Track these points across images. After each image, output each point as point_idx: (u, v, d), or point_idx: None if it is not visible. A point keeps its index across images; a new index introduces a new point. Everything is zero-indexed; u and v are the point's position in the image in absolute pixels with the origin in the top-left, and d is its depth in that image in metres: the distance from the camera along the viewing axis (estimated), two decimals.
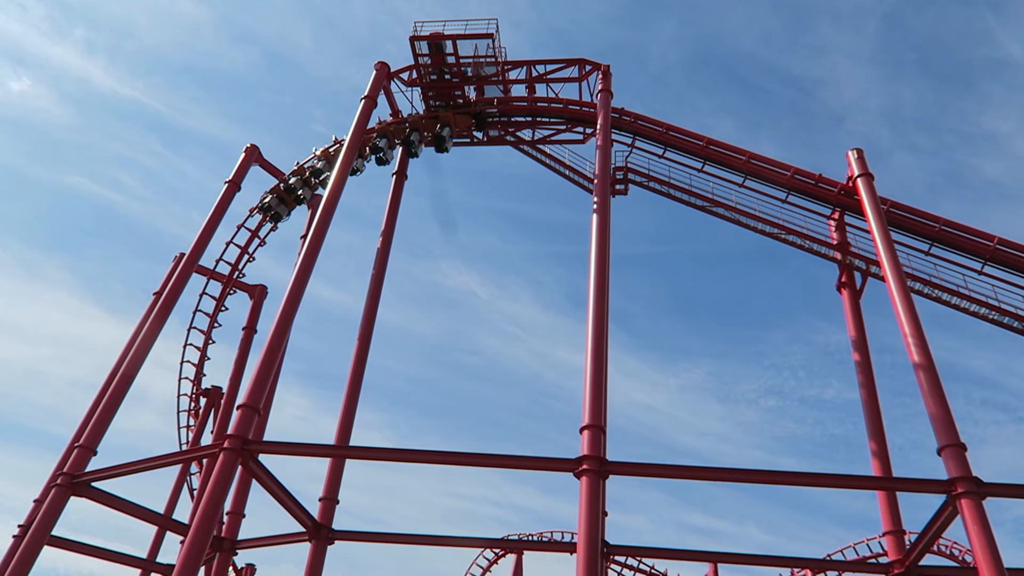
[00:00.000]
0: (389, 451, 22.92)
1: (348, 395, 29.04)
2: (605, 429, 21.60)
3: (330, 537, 25.44)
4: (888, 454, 26.43)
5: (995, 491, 19.74)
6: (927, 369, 21.66)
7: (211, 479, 20.10)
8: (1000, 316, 27.17)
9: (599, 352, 22.62)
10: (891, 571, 24.26)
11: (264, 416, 27.47)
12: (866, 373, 28.22)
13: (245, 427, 21.00)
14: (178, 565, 18.86)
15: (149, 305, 35.38)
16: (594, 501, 19.92)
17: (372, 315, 31.21)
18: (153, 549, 31.45)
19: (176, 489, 34.72)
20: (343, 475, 27.15)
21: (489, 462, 22.09)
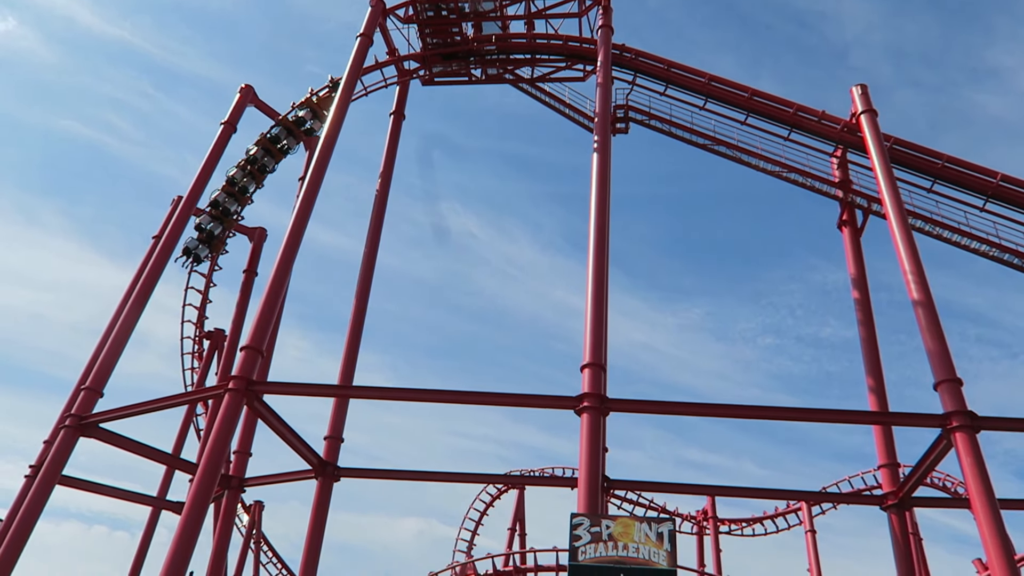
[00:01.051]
0: (392, 390, 23.22)
1: (350, 336, 29.27)
2: (605, 367, 21.84)
3: (336, 474, 25.96)
4: (885, 390, 26.79)
5: (989, 425, 20.10)
6: (926, 306, 21.79)
7: (217, 419, 20.40)
8: (1000, 253, 27.18)
9: (599, 291, 22.72)
10: (885, 502, 24.87)
11: (267, 358, 27.73)
12: (865, 311, 28.38)
13: (249, 368, 21.22)
14: (188, 502, 19.30)
15: (149, 249, 35.34)
16: (595, 437, 20.27)
17: (372, 257, 31.22)
18: (162, 488, 32.13)
19: (183, 430, 35.27)
20: (347, 415, 27.58)
21: (491, 400, 22.41)
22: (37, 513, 22.26)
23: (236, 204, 34.42)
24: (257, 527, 36.82)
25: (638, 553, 16.10)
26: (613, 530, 16.49)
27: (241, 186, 34.21)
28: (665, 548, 16.24)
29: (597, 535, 16.42)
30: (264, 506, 37.83)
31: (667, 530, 16.51)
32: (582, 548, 16.33)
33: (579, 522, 16.75)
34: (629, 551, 16.15)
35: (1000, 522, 18.33)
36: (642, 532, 16.39)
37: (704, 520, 47.16)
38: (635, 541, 16.24)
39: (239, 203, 34.35)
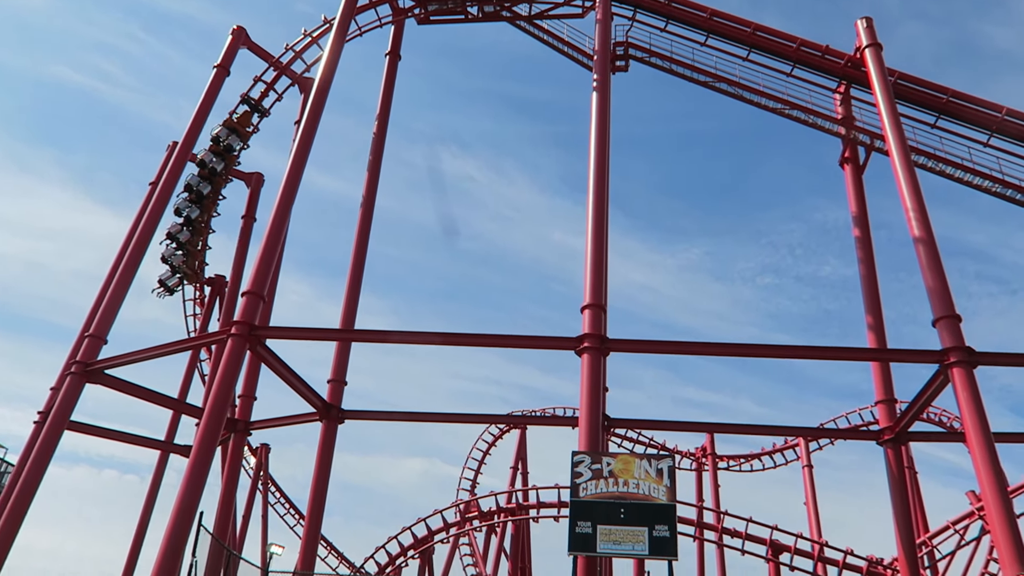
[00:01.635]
0: (394, 333, 23.38)
1: (351, 281, 29.31)
2: (605, 308, 21.93)
3: (340, 417, 26.32)
4: (884, 327, 26.94)
5: (986, 360, 20.28)
6: (926, 243, 21.76)
7: (221, 364, 20.59)
8: (1003, 188, 26.99)
9: (599, 232, 22.66)
10: (882, 437, 25.25)
11: (268, 303, 27.82)
12: (865, 248, 28.35)
13: (251, 313, 21.32)
14: (195, 445, 19.61)
15: (145, 196, 35.12)
16: (595, 377, 20.49)
17: (371, 201, 31.05)
18: (169, 433, 32.61)
19: (187, 376, 35.64)
20: (349, 359, 27.82)
21: (492, 342, 22.59)
22: (47, 458, 22.68)
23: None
24: (264, 469, 37.52)
25: (638, 489, 16.44)
26: (614, 467, 16.80)
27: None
28: (665, 484, 16.57)
29: (598, 472, 16.74)
30: (270, 449, 38.47)
31: (666, 466, 16.83)
32: (583, 485, 16.68)
33: (580, 459, 17.07)
34: (629, 487, 16.49)
35: (994, 455, 18.65)
36: (642, 468, 16.70)
37: (703, 457, 48.02)
38: (635, 477, 16.56)
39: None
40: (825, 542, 31.26)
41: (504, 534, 35.40)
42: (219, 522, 25.62)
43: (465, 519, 35.22)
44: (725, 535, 31.34)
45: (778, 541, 30.28)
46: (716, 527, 31.66)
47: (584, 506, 16.34)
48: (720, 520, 31.81)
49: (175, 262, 33.47)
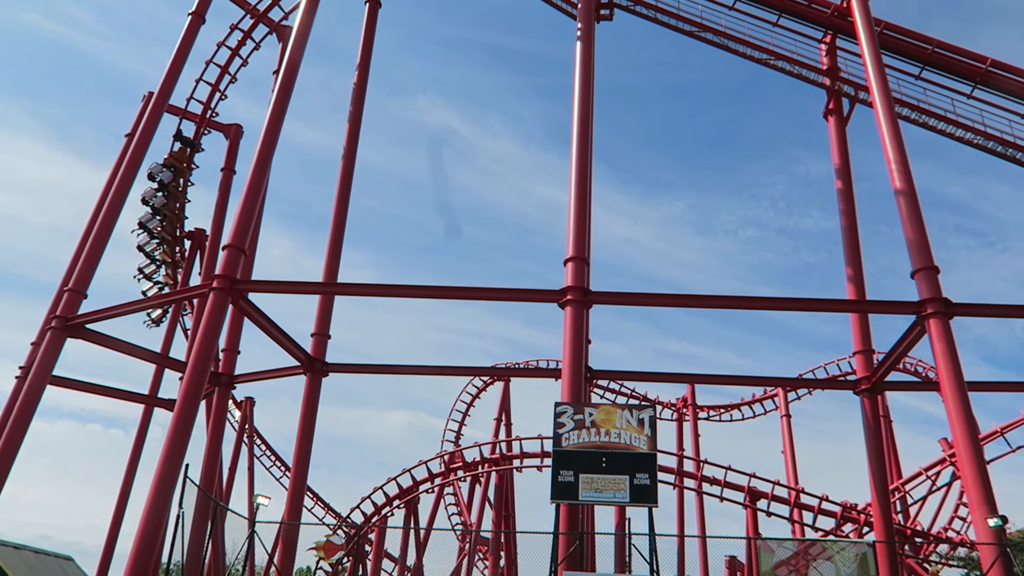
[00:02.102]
0: (377, 287, 23.36)
1: (333, 234, 29.10)
2: (588, 261, 21.99)
3: (324, 370, 26.40)
4: (863, 279, 27.22)
5: (963, 311, 20.61)
6: (908, 195, 21.88)
7: (204, 318, 20.52)
8: (984, 141, 27.09)
9: (583, 184, 22.59)
10: (859, 387, 25.73)
11: (250, 256, 27.62)
12: (847, 201, 28.46)
13: (232, 267, 21.18)
14: (179, 399, 19.65)
15: (122, 148, 34.51)
16: (578, 329, 20.64)
17: (352, 154, 30.67)
18: (153, 387, 32.62)
19: (170, 330, 35.49)
20: (332, 312, 27.80)
21: (475, 295, 22.62)
22: (30, 412, 22.63)
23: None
24: (249, 422, 37.71)
25: (620, 438, 16.71)
26: (596, 417, 17.04)
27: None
28: (646, 433, 16.84)
29: (580, 422, 16.97)
30: (255, 402, 38.62)
31: (647, 416, 17.09)
32: (566, 435, 16.92)
33: (563, 410, 17.28)
34: (611, 436, 16.75)
35: (967, 404, 19.09)
36: (623, 418, 16.95)
37: (684, 407, 48.78)
38: (617, 427, 16.81)
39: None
40: (801, 489, 32.04)
41: (488, 484, 35.97)
42: (205, 474, 25.81)
43: (449, 469, 35.70)
44: (704, 483, 32.03)
45: (756, 488, 31.00)
46: (696, 475, 32.32)
47: (566, 455, 16.60)
48: (700, 468, 32.47)
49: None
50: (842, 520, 30.67)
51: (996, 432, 33.01)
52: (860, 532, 30.00)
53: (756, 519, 30.78)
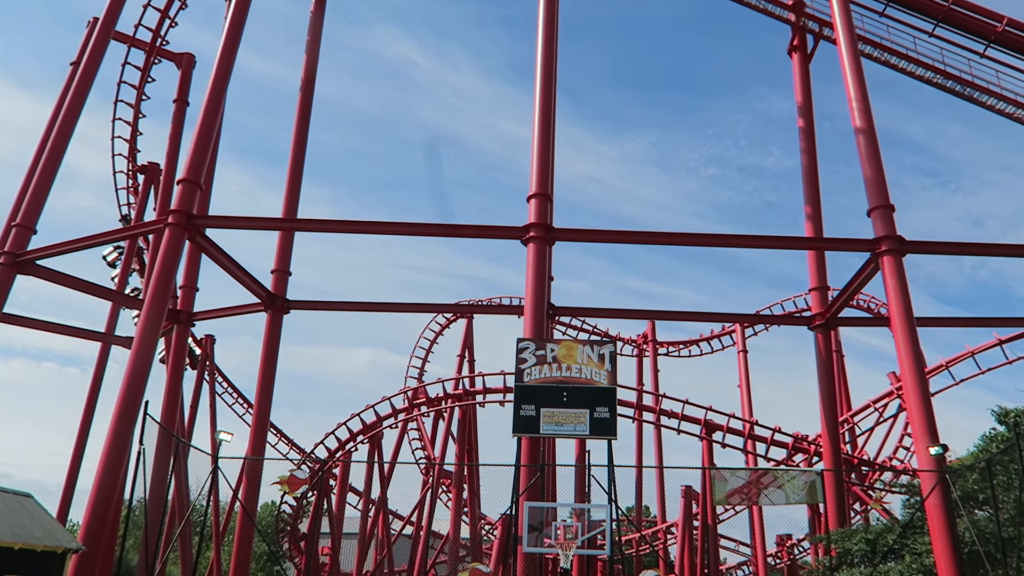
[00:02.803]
0: (338, 223, 23.04)
1: (291, 170, 28.52)
2: (551, 198, 21.92)
3: (285, 307, 26.21)
4: (821, 218, 27.63)
5: (915, 248, 21.10)
6: (867, 134, 22.08)
7: (159, 254, 20.12)
8: (944, 80, 27.33)
9: (546, 120, 22.34)
10: (813, 323, 26.39)
11: (206, 191, 26.99)
12: (808, 139, 28.65)
13: (188, 202, 20.69)
14: (137, 336, 19.39)
15: (67, 77, 33.00)
16: (541, 266, 20.71)
17: (310, 86, 29.85)
18: (110, 325, 32.03)
19: (125, 267, 34.70)
20: (292, 249, 27.46)
21: (438, 231, 22.49)
22: None
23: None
24: (210, 360, 37.38)
25: (580, 373, 16.98)
26: (557, 353, 17.26)
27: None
28: (606, 368, 17.14)
29: (542, 358, 17.18)
30: (216, 340, 38.19)
31: (608, 351, 17.36)
32: (528, 370, 17.14)
33: (525, 346, 17.46)
34: (572, 372, 17.01)
35: (915, 339, 19.74)
36: (584, 354, 17.20)
37: (644, 343, 49.64)
38: (578, 362, 17.07)
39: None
40: (755, 421, 33.05)
41: (451, 419, 36.40)
42: (166, 412, 25.69)
43: (413, 405, 36.02)
44: (662, 416, 32.81)
45: (712, 421, 31.87)
46: (654, 409, 33.09)
47: (528, 390, 16.85)
48: (658, 402, 33.22)
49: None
50: (793, 451, 31.81)
51: (941, 366, 34.22)
52: (810, 462, 31.18)
53: (711, 450, 31.74)
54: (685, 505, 34.31)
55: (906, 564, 20.12)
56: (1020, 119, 25.75)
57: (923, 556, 19.52)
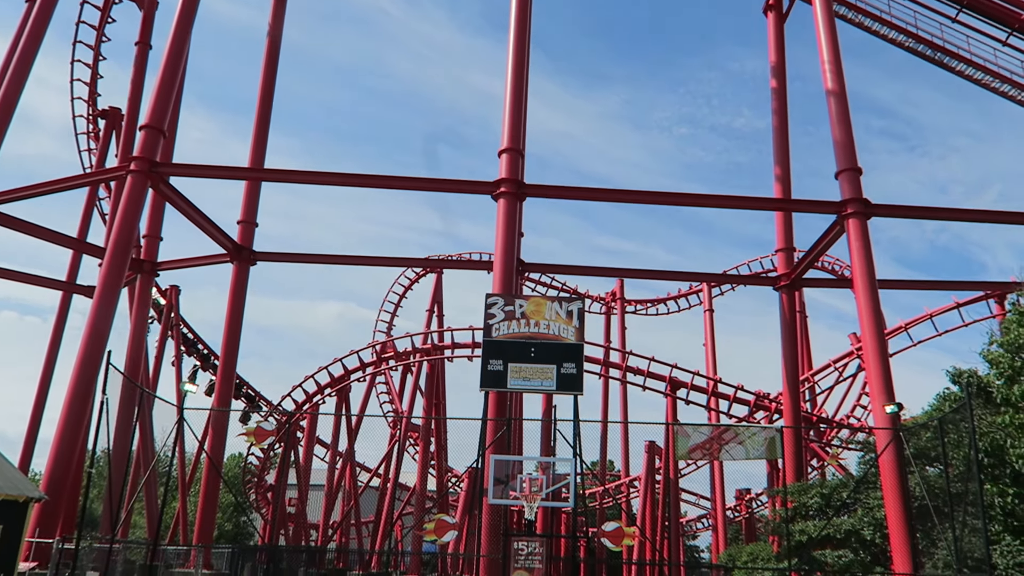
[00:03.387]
0: (307, 173, 22.67)
1: (259, 118, 27.93)
2: (523, 153, 21.78)
3: (251, 258, 25.89)
4: (790, 180, 27.83)
5: (880, 211, 21.41)
6: (838, 96, 22.16)
7: (122, 202, 19.70)
8: (915, 44, 27.44)
9: (519, 73, 22.07)
10: (778, 283, 26.78)
11: (170, 139, 26.34)
12: (780, 99, 28.68)
13: (151, 149, 20.19)
14: (99, 285, 19.07)
15: (23, 14, 31.68)
16: (511, 222, 20.65)
17: (278, 32, 29.07)
18: (71, 273, 31.38)
19: (86, 215, 33.86)
20: (259, 200, 27.04)
21: (408, 185, 22.26)
22: None
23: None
24: (175, 311, 36.89)
25: (548, 329, 17.09)
26: (526, 308, 17.33)
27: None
28: (574, 325, 17.26)
29: (510, 313, 17.24)
30: (180, 291, 37.67)
31: (576, 308, 17.47)
32: (496, 325, 17.20)
33: (494, 301, 17.50)
34: (540, 327, 17.11)
35: (876, 300, 20.15)
36: (553, 310, 17.29)
37: (612, 301, 50.04)
38: (546, 318, 17.17)
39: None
40: (719, 379, 33.66)
41: (419, 373, 36.51)
42: (130, 362, 25.38)
43: (381, 359, 36.05)
44: (629, 373, 33.27)
45: (677, 378, 32.39)
46: (621, 365, 33.52)
47: (496, 345, 16.94)
48: (625, 359, 33.64)
49: None
50: (755, 408, 32.52)
51: (900, 328, 35.02)
52: (771, 419, 31.94)
53: (675, 407, 32.33)
54: (648, 460, 35.05)
55: (858, 517, 20.85)
56: (987, 85, 26.03)
57: (875, 510, 20.24)
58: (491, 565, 17.50)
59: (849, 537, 20.59)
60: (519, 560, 14.70)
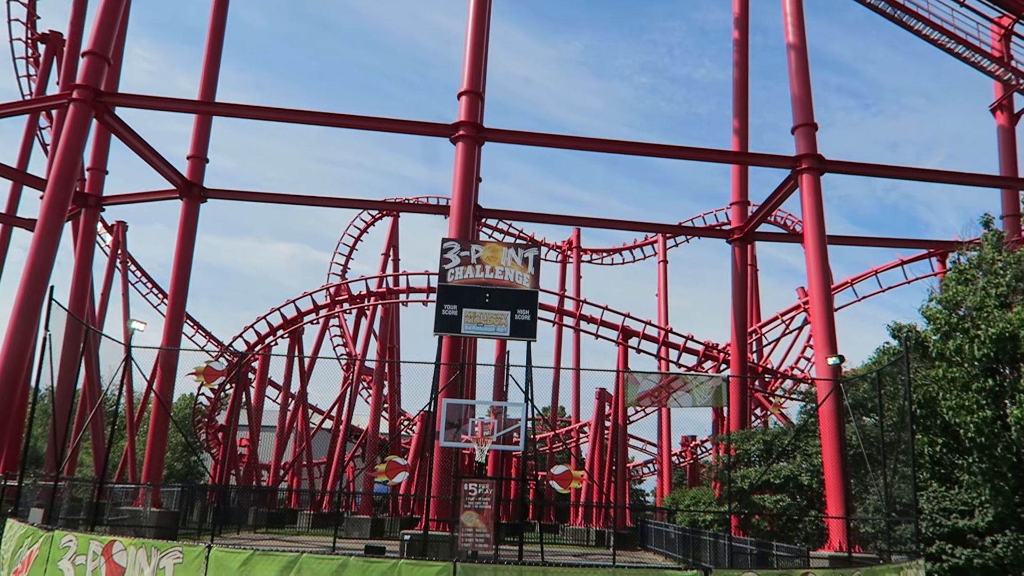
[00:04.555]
0: (260, 109, 22.02)
1: (209, 49, 26.89)
2: (483, 96, 21.47)
3: (202, 195, 25.24)
4: (748, 134, 28.01)
5: (834, 168, 21.74)
6: (799, 50, 22.22)
7: (64, 132, 18.95)
8: (878, 1, 27.43)
9: (481, 13, 21.61)
10: (732, 236, 27.17)
11: (115, 67, 25.22)
12: (742, 52, 28.65)
13: (95, 77, 19.38)
14: (40, 218, 18.45)
15: None
16: (469, 166, 20.46)
17: None
18: (10, 205, 30.23)
19: (25, 145, 32.47)
20: (210, 136, 26.24)
21: (365, 124, 21.80)
22: None
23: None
24: (122, 247, 35.89)
25: (504, 275, 17.10)
26: (482, 254, 17.28)
27: None
28: (529, 271, 17.29)
29: (466, 259, 17.19)
30: (128, 227, 36.63)
31: (532, 255, 17.48)
32: (451, 270, 17.14)
33: (450, 246, 17.40)
34: (496, 273, 17.11)
35: (825, 255, 20.59)
36: (509, 257, 17.28)
37: (568, 249, 50.22)
38: (502, 264, 17.16)
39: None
40: (670, 329, 34.27)
41: (374, 317, 36.36)
42: (75, 299, 24.75)
43: (335, 301, 35.78)
44: (582, 321, 33.64)
45: (629, 327, 32.89)
46: (575, 313, 33.86)
47: (451, 290, 16.92)
48: (579, 307, 33.97)
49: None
50: (703, 357, 33.27)
51: (847, 283, 35.94)
52: (719, 368, 32.74)
53: (627, 355, 32.89)
54: (598, 406, 35.73)
55: (796, 463, 21.69)
56: (943, 45, 26.30)
57: (813, 457, 21.07)
58: (441, 505, 17.81)
59: (787, 482, 21.46)
60: (469, 501, 14.95)
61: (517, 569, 8.24)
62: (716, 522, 22.82)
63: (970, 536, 15.94)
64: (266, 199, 26.70)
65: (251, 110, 22.09)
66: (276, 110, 21.66)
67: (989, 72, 27.02)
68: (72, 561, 9.05)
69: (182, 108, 23.30)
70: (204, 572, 8.32)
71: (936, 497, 16.87)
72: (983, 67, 26.79)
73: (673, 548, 24.66)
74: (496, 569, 8.24)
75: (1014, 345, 16.00)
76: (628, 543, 30.26)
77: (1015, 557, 15.20)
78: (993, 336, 16.03)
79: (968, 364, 16.62)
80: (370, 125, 21.82)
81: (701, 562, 19.10)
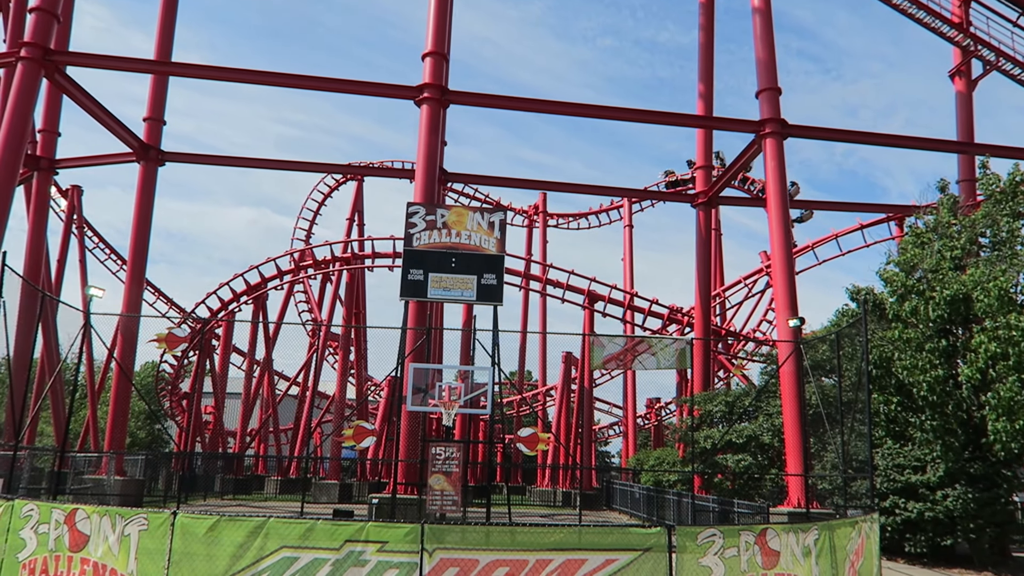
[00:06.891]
0: (219, 69, 21.46)
1: (164, 6, 26.08)
2: (448, 57, 21.18)
3: (159, 158, 24.67)
4: (712, 98, 28.04)
5: (796, 132, 21.92)
6: (764, 14, 22.23)
7: (12, 91, 18.31)
8: None
9: None
10: (696, 201, 27.35)
11: (65, 24, 24.33)
12: (708, 15, 28.56)
13: (44, 35, 18.72)
14: None
15: None
16: (434, 129, 20.24)
17: None
18: None
19: None
20: (167, 98, 25.56)
21: (327, 86, 21.39)
22: None
23: None
24: (77, 212, 34.96)
25: (470, 240, 17.05)
26: (447, 218, 17.18)
27: None
28: (495, 236, 17.26)
29: (432, 223, 17.09)
30: (83, 191, 35.66)
31: (498, 219, 17.43)
32: (417, 235, 17.03)
33: (415, 210, 17.27)
34: (462, 238, 17.05)
35: (787, 219, 20.87)
36: (475, 221, 17.22)
37: (535, 214, 50.18)
38: (468, 229, 17.09)
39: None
40: (635, 293, 34.59)
41: (339, 282, 36.07)
42: (29, 265, 24.11)
43: (300, 267, 35.40)
44: (548, 285, 33.79)
45: (595, 291, 33.13)
46: (541, 278, 33.97)
47: (417, 255, 16.83)
48: (545, 272, 34.08)
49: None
50: (668, 321, 33.69)
51: (808, 247, 36.51)
52: (683, 331, 33.20)
53: (593, 319, 33.18)
54: (565, 370, 36.09)
55: (758, 423, 22.19)
56: (904, 10, 26.48)
57: (774, 417, 21.57)
58: (409, 469, 17.92)
59: (749, 442, 21.97)
60: (437, 464, 15.07)
61: (485, 530, 8.33)
62: (680, 482, 23.33)
63: (922, 491, 16.51)
64: (226, 163, 26.19)
65: (210, 70, 21.52)
66: (236, 70, 21.13)
67: (948, 38, 27.32)
68: (35, 530, 8.94)
69: (137, 68, 22.60)
70: (170, 538, 8.29)
71: (890, 454, 17.41)
72: (943, 32, 27.06)
73: (638, 508, 25.18)
74: (464, 530, 8.33)
75: (967, 306, 16.46)
76: (594, 503, 30.83)
77: (964, 510, 15.81)
78: (947, 297, 16.47)
79: (923, 325, 17.07)
80: (333, 87, 21.42)
81: (665, 520, 19.58)
